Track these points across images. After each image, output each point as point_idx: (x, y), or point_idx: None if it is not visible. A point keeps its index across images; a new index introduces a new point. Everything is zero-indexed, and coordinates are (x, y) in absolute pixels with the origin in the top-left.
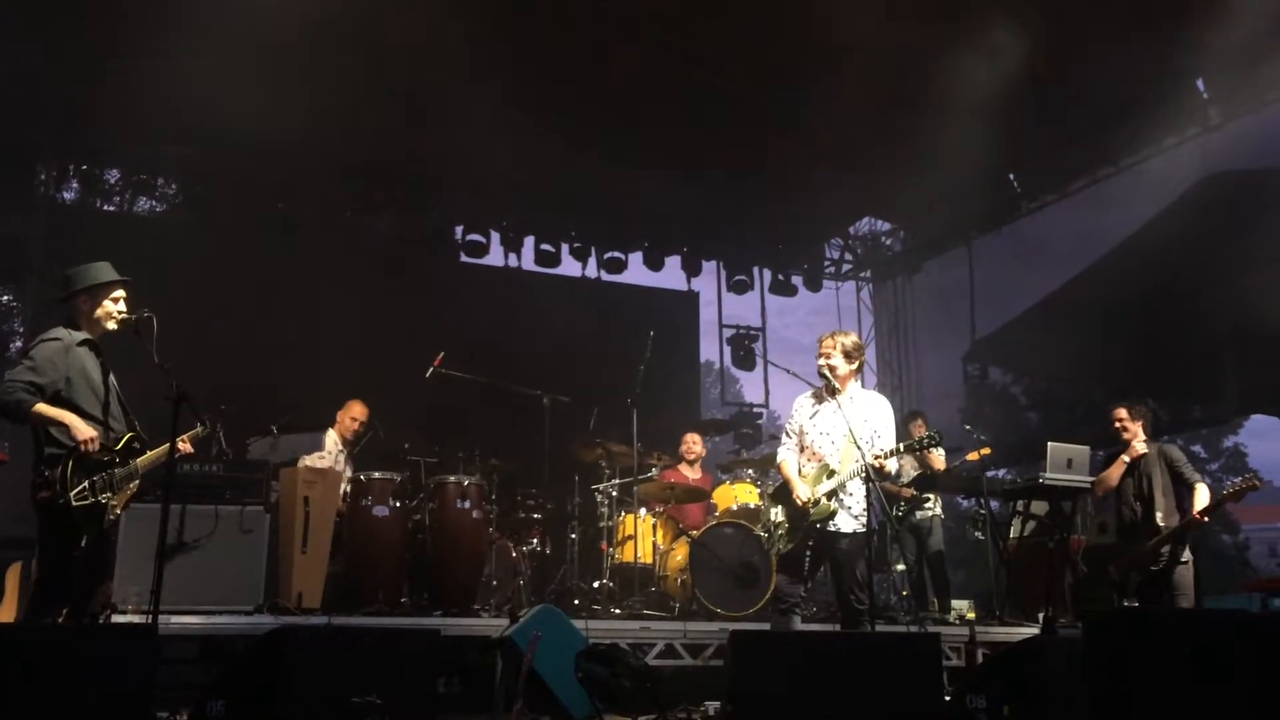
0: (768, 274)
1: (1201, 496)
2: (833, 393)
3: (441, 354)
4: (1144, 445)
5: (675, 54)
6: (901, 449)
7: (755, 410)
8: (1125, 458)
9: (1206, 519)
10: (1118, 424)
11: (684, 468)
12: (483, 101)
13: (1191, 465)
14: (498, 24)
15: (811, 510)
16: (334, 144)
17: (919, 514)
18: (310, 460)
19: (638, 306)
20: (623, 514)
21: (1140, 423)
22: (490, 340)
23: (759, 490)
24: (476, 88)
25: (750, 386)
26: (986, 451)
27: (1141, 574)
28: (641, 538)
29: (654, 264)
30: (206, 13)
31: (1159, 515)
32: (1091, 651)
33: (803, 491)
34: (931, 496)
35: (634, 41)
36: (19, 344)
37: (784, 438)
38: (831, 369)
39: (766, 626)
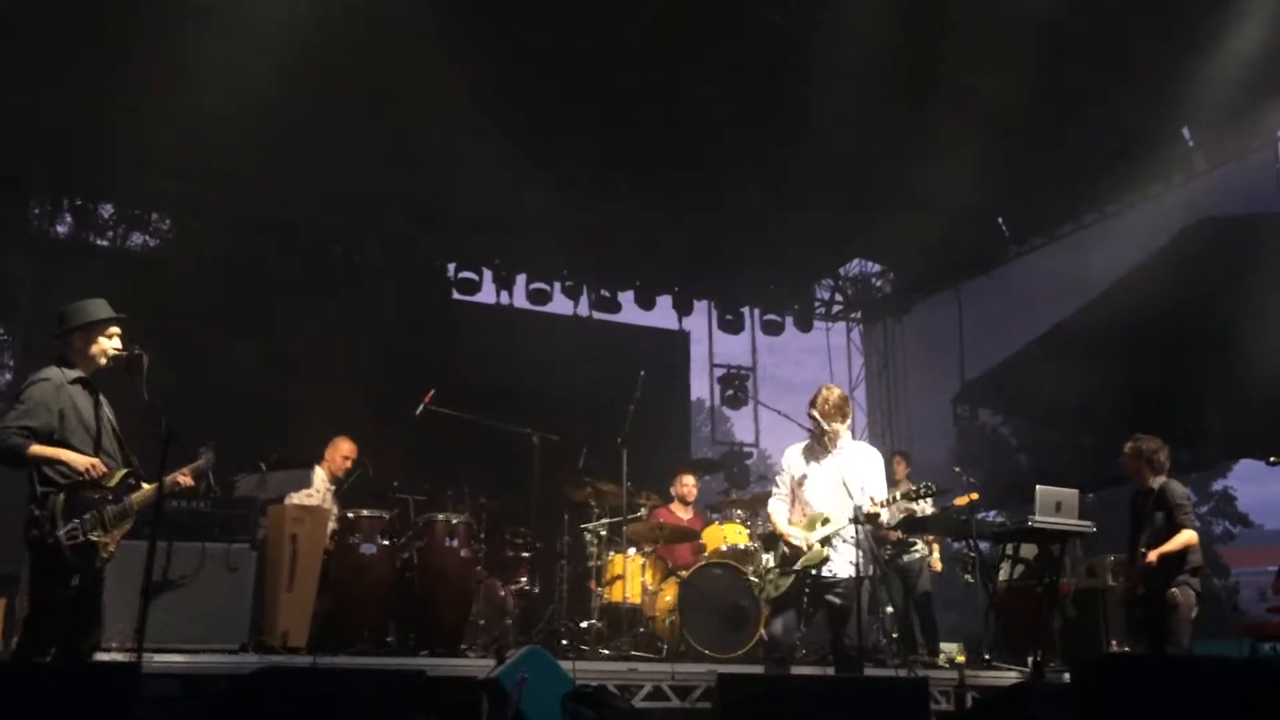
0: (758, 314)
1: (1176, 540)
2: (824, 445)
3: (431, 391)
4: (1151, 482)
5: (668, 96)
6: (898, 497)
7: (746, 449)
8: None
9: (1153, 562)
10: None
11: (677, 507)
12: (475, 140)
13: (1188, 508)
14: (490, 64)
15: (804, 556)
16: (325, 181)
17: (906, 556)
18: (298, 498)
19: (629, 345)
20: (611, 554)
21: (1140, 460)
22: (480, 378)
23: (748, 531)
24: (469, 126)
25: (741, 426)
26: (975, 497)
27: (1127, 611)
28: (630, 578)
29: (645, 303)
30: (199, 51)
31: (1141, 553)
32: (1080, 695)
33: (797, 537)
34: (919, 540)
35: (627, 84)
36: (9, 378)
37: (774, 487)
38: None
39: (755, 669)
